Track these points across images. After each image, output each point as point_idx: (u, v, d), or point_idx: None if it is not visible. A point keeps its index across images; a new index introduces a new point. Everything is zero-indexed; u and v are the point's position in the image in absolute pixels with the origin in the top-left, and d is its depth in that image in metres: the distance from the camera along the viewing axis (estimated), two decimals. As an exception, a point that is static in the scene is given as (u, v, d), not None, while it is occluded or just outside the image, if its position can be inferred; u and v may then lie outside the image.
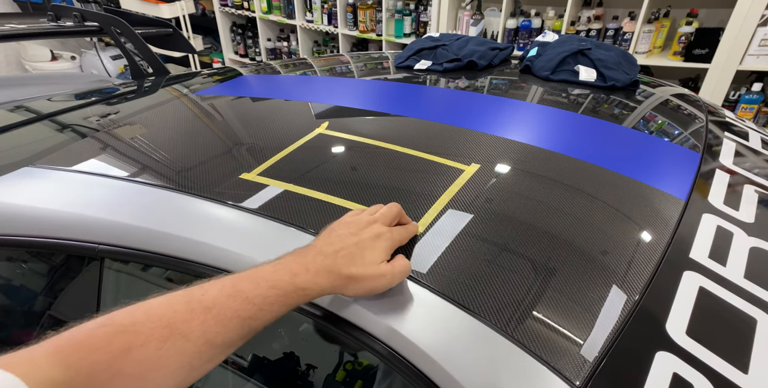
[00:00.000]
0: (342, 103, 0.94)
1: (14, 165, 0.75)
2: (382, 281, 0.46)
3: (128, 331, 0.36)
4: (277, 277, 0.43)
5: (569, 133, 0.83)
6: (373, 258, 0.47)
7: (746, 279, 0.54)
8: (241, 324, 0.40)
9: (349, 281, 0.45)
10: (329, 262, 0.45)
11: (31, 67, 3.97)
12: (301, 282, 0.43)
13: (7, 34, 1.30)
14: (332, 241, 0.47)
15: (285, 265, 0.44)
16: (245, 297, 0.41)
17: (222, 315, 0.39)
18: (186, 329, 0.38)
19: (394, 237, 0.50)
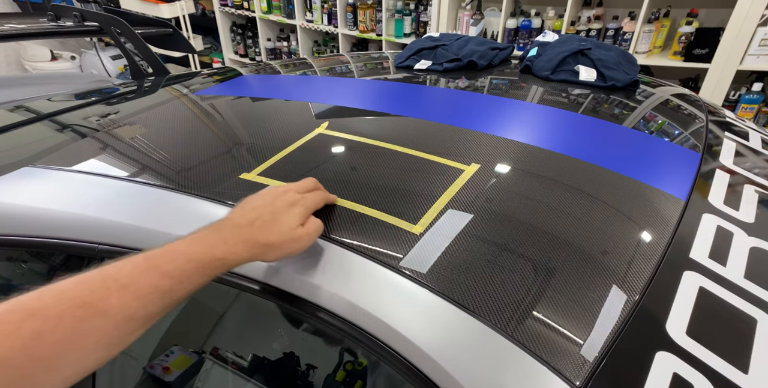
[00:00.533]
0: (342, 103, 0.94)
1: (14, 165, 0.75)
2: (298, 244, 0.50)
3: (38, 314, 0.36)
4: (193, 250, 0.44)
5: (569, 133, 0.83)
6: (288, 224, 0.49)
7: (746, 279, 0.54)
8: (162, 297, 0.41)
9: (268, 248, 0.47)
10: (246, 232, 0.47)
11: (31, 67, 3.98)
12: (218, 253, 0.44)
13: (7, 34, 1.30)
14: (246, 212, 0.49)
15: (200, 239, 0.45)
16: (162, 272, 0.41)
17: (140, 290, 0.40)
18: (103, 307, 0.38)
19: (308, 203, 0.52)
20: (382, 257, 0.53)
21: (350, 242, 0.55)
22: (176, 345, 0.82)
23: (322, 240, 0.56)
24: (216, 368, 0.82)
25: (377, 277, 0.52)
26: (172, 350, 0.83)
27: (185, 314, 0.82)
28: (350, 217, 0.59)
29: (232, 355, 0.82)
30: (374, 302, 0.50)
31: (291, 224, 0.49)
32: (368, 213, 0.59)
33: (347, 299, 0.51)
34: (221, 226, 0.47)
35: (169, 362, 0.82)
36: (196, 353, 0.84)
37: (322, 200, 0.56)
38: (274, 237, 0.48)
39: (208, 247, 0.45)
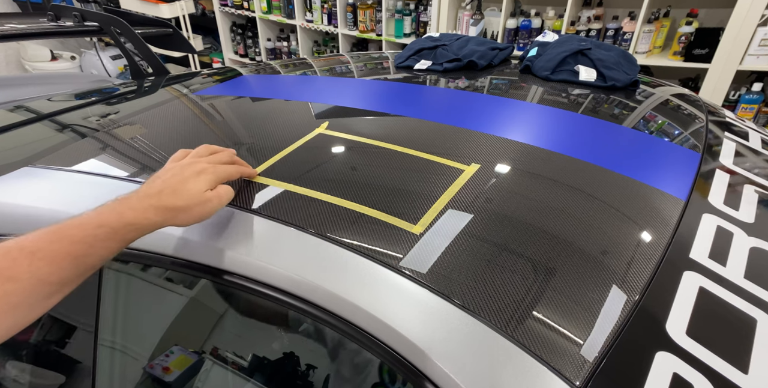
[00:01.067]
0: (342, 103, 0.93)
1: (14, 165, 0.75)
2: (209, 206, 0.52)
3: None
4: (103, 217, 0.46)
5: (569, 133, 0.83)
6: (196, 189, 0.52)
7: (746, 279, 0.54)
8: (75, 263, 0.44)
9: (178, 212, 0.50)
10: (154, 201, 0.49)
11: (31, 67, 3.98)
12: (129, 218, 0.47)
13: (7, 34, 1.30)
14: (155, 184, 0.52)
15: (108, 207, 0.48)
16: (72, 239, 0.44)
17: (50, 257, 0.43)
18: (11, 273, 0.41)
19: (218, 172, 0.55)
20: (381, 257, 0.53)
21: (350, 242, 0.55)
22: (176, 345, 0.82)
23: (322, 240, 0.56)
24: (216, 368, 0.82)
25: (377, 277, 0.52)
26: (172, 350, 0.83)
27: (185, 314, 0.82)
28: (350, 217, 0.59)
29: (232, 355, 0.82)
30: (374, 302, 0.50)
31: (199, 189, 0.52)
32: (368, 213, 0.59)
33: (347, 299, 0.51)
34: (128, 197, 0.50)
35: (169, 362, 0.82)
36: (196, 353, 0.84)
37: (236, 172, 0.59)
38: (183, 202, 0.50)
39: (118, 214, 0.47)
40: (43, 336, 0.85)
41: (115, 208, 0.48)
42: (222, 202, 0.54)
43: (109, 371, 0.78)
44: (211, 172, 0.54)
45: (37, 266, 0.42)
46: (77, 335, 0.82)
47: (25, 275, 0.41)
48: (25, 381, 0.86)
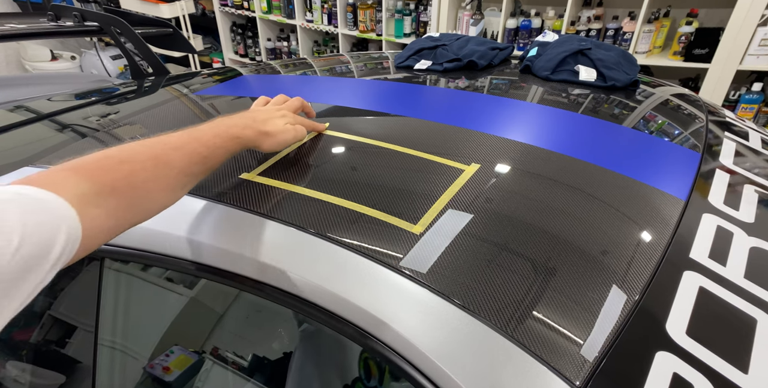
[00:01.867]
0: (342, 103, 0.94)
1: (14, 165, 0.75)
2: (289, 135, 0.66)
3: (128, 161, 0.49)
4: (217, 130, 0.58)
5: (569, 133, 0.83)
6: (279, 123, 0.66)
7: (746, 279, 0.54)
8: (203, 161, 0.55)
9: (266, 135, 0.63)
10: (249, 122, 0.63)
11: (31, 67, 3.98)
12: (234, 132, 0.60)
13: (7, 34, 1.30)
14: (250, 114, 0.66)
15: (220, 122, 0.60)
16: (201, 142, 0.56)
17: (189, 153, 0.54)
18: (167, 160, 0.51)
19: (297, 119, 0.70)
20: (381, 257, 0.53)
21: (350, 242, 0.55)
22: (176, 345, 0.82)
23: (322, 240, 0.56)
24: (216, 368, 0.82)
25: (377, 277, 0.52)
26: (172, 350, 0.83)
27: (185, 314, 0.82)
28: (350, 217, 0.59)
29: (232, 355, 0.82)
30: (374, 302, 0.50)
31: (281, 123, 0.66)
32: (368, 213, 0.59)
33: (347, 299, 0.51)
34: (233, 117, 0.63)
35: (169, 362, 0.82)
36: (196, 353, 0.84)
37: (309, 126, 0.73)
38: (268, 128, 0.63)
39: (227, 127, 0.60)
40: (43, 336, 0.85)
41: (223, 122, 0.61)
42: (297, 134, 0.67)
43: (109, 371, 0.78)
44: (291, 117, 0.69)
45: (181, 158, 0.53)
46: (77, 335, 0.82)
47: (175, 163, 0.52)
48: (25, 381, 0.86)
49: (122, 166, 0.48)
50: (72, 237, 0.39)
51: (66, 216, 0.39)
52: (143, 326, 0.84)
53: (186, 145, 0.54)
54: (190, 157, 0.54)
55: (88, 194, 0.43)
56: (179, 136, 0.55)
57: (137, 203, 0.49)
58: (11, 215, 0.35)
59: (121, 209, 0.47)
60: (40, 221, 0.36)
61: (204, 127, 0.58)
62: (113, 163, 0.48)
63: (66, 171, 0.44)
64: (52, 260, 0.37)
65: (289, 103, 0.74)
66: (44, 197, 0.39)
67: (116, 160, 0.48)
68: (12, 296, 0.35)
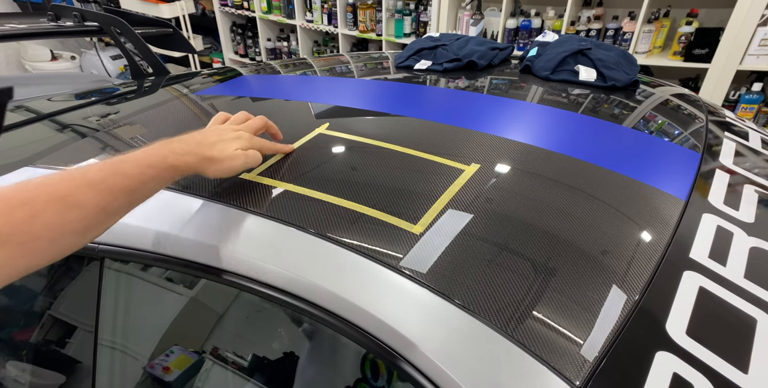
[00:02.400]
0: (342, 103, 0.93)
1: (14, 165, 0.75)
2: (237, 161, 0.59)
3: (26, 203, 0.43)
4: (151, 159, 0.53)
5: (569, 133, 0.83)
6: (229, 147, 0.59)
7: (746, 279, 0.54)
8: (128, 195, 0.50)
9: (210, 162, 0.57)
10: (192, 148, 0.57)
11: (31, 67, 3.97)
12: (171, 161, 0.54)
13: (7, 34, 1.30)
14: (195, 136, 0.59)
15: (154, 149, 0.54)
16: (125, 174, 0.50)
17: (108, 188, 0.48)
18: (77, 200, 0.45)
19: (253, 143, 0.62)
20: (381, 257, 0.53)
21: (350, 242, 0.55)
22: (176, 345, 0.82)
23: (322, 240, 0.56)
24: (216, 368, 0.82)
25: (377, 277, 0.52)
26: (172, 350, 0.83)
27: (185, 314, 0.82)
28: (350, 217, 0.59)
29: (232, 355, 0.82)
30: (374, 302, 0.50)
31: (231, 148, 0.60)
32: (368, 213, 0.59)
33: (347, 299, 0.51)
34: (171, 141, 0.56)
35: (169, 362, 0.82)
36: (196, 353, 0.84)
37: (269, 148, 0.67)
38: (215, 153, 0.58)
39: (162, 156, 0.54)
40: (43, 336, 0.85)
41: (159, 150, 0.54)
42: (248, 161, 0.61)
43: (109, 371, 0.78)
44: (247, 140, 0.62)
45: (97, 196, 0.47)
46: (77, 334, 0.82)
47: (88, 203, 0.46)
48: (25, 381, 0.86)
49: (19, 210, 0.42)
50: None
51: None
52: (143, 326, 0.84)
53: (106, 180, 0.48)
54: (110, 194, 0.48)
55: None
56: (100, 169, 0.49)
57: (38, 251, 0.43)
58: None
59: (17, 260, 0.42)
60: None
61: (135, 156, 0.52)
62: (9, 207, 0.42)
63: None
64: None
65: (249, 123, 0.67)
66: None
67: (13, 203, 0.42)
68: None
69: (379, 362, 0.66)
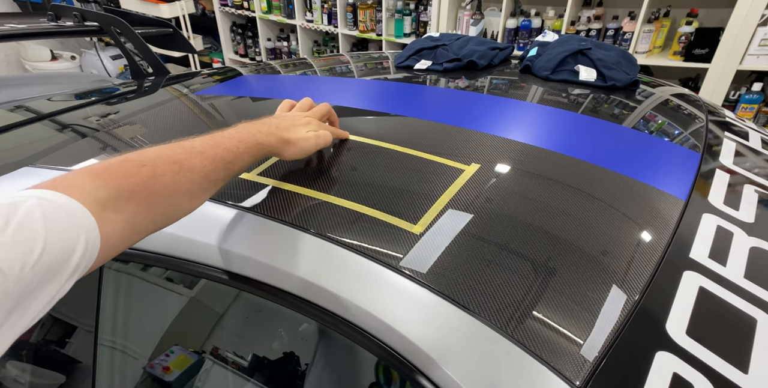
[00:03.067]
0: (342, 103, 0.93)
1: (14, 165, 0.75)
2: (310, 142, 0.63)
3: (149, 164, 0.47)
4: (241, 135, 0.57)
5: (569, 133, 0.83)
6: (302, 131, 0.64)
7: (746, 279, 0.54)
8: (226, 166, 0.53)
9: (287, 143, 0.61)
10: (273, 129, 0.61)
11: (31, 67, 3.97)
12: (258, 138, 0.58)
13: (7, 34, 1.30)
14: (272, 120, 0.64)
15: (244, 127, 0.59)
16: (224, 147, 0.54)
17: (212, 158, 0.52)
18: (190, 165, 0.50)
19: (318, 132, 0.65)
20: (381, 257, 0.53)
21: (350, 242, 0.55)
22: (176, 345, 0.82)
23: (322, 240, 0.56)
24: (216, 368, 0.82)
25: (377, 277, 0.52)
26: (172, 350, 0.83)
27: (185, 314, 0.82)
28: (350, 217, 0.59)
29: (232, 355, 0.82)
30: (374, 302, 0.50)
31: (304, 131, 0.64)
32: (368, 213, 0.59)
33: (347, 299, 0.51)
34: (256, 123, 0.61)
35: (169, 361, 0.82)
36: (196, 353, 0.84)
37: (333, 133, 0.70)
38: (290, 135, 0.61)
39: (251, 133, 0.58)
40: (43, 336, 0.85)
41: (248, 128, 0.59)
42: (319, 142, 0.64)
43: (109, 371, 0.78)
44: (315, 125, 0.67)
45: (204, 163, 0.51)
46: (77, 334, 0.82)
47: (198, 169, 0.50)
48: (25, 381, 0.86)
49: (142, 169, 0.46)
50: (90, 245, 0.38)
51: (85, 223, 0.38)
52: (143, 326, 0.84)
53: (209, 150, 0.52)
54: (213, 163, 0.52)
55: (107, 199, 0.41)
56: (203, 141, 0.53)
57: (157, 209, 0.47)
58: (36, 224, 0.34)
59: (141, 215, 0.45)
60: (62, 229, 0.36)
61: (228, 133, 0.57)
62: (133, 166, 0.46)
63: (86, 175, 0.43)
64: (69, 270, 0.36)
65: (316, 109, 0.71)
66: (66, 204, 0.38)
67: (136, 164, 0.46)
68: (27, 307, 0.34)
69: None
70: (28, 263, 0.32)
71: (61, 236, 0.35)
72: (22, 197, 0.36)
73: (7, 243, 0.32)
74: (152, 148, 0.50)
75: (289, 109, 0.72)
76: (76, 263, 0.36)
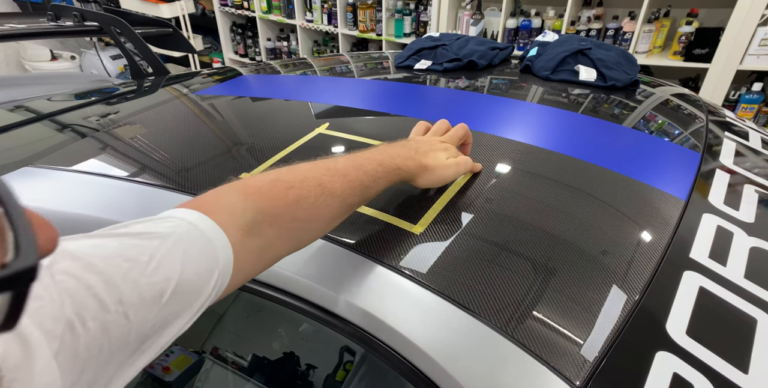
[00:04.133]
0: (342, 103, 0.93)
1: (14, 165, 0.75)
2: (449, 171, 0.59)
3: (296, 186, 0.45)
4: (381, 158, 0.54)
5: (569, 133, 0.83)
6: (441, 156, 0.60)
7: (746, 279, 0.54)
8: (363, 190, 0.51)
9: (425, 169, 0.57)
10: (412, 153, 0.57)
11: (31, 67, 3.97)
12: (398, 162, 0.55)
13: (7, 34, 1.30)
14: (411, 144, 0.59)
15: (384, 150, 0.56)
16: (364, 170, 0.51)
17: (352, 181, 0.50)
18: (331, 188, 0.48)
19: (459, 159, 0.61)
20: (381, 257, 0.53)
21: (350, 242, 0.55)
22: (176, 345, 0.82)
23: (322, 240, 0.56)
24: (216, 368, 0.82)
25: (377, 277, 0.52)
26: (172, 350, 0.83)
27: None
28: (350, 217, 0.59)
29: (232, 355, 0.82)
30: (374, 302, 0.50)
31: (443, 156, 0.60)
32: (368, 213, 0.59)
33: (346, 299, 0.51)
34: (395, 145, 0.58)
35: (169, 362, 0.82)
36: (196, 353, 0.84)
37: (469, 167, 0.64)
38: (429, 161, 0.58)
39: (391, 156, 0.55)
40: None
41: (388, 150, 0.56)
42: (459, 169, 0.61)
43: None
44: (454, 151, 0.62)
45: (344, 187, 0.49)
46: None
47: (339, 192, 0.48)
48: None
49: (289, 192, 0.45)
50: (221, 282, 0.37)
51: (222, 258, 0.37)
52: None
53: (351, 173, 0.50)
54: (352, 187, 0.49)
55: (252, 224, 0.41)
56: (345, 163, 0.51)
57: (295, 233, 0.46)
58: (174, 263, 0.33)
59: (279, 240, 0.44)
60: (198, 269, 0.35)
61: (369, 155, 0.54)
62: (282, 188, 0.45)
63: (239, 194, 0.42)
64: (193, 311, 0.35)
65: (452, 132, 0.65)
66: (210, 232, 0.37)
67: (285, 186, 0.45)
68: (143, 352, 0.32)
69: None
70: (153, 310, 0.31)
71: (194, 277, 0.34)
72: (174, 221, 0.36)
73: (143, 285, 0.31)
74: (301, 167, 0.49)
75: (425, 132, 0.66)
76: (200, 304, 0.36)
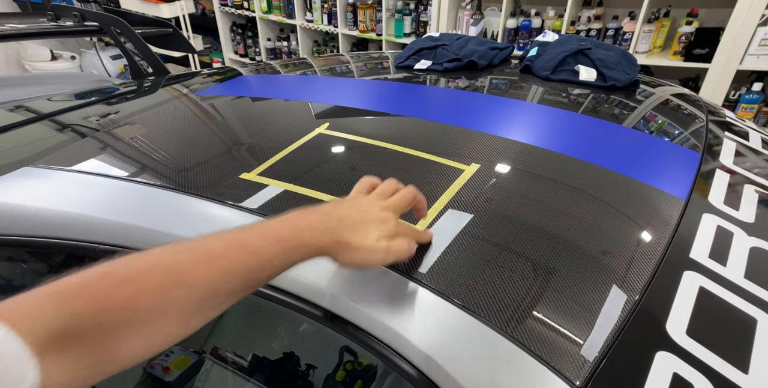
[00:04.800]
0: (342, 103, 0.93)
1: (14, 165, 0.75)
2: (375, 256, 0.47)
3: (133, 280, 0.36)
4: (282, 231, 0.43)
5: (569, 133, 0.83)
6: (373, 234, 0.47)
7: (746, 279, 0.54)
8: (248, 275, 0.41)
9: (346, 248, 0.46)
10: (333, 224, 0.46)
11: (31, 67, 3.97)
12: (304, 238, 0.44)
13: (7, 34, 1.30)
14: (339, 209, 0.49)
15: (290, 221, 0.45)
16: (251, 250, 0.41)
17: (227, 266, 0.40)
18: (190, 279, 0.38)
19: (401, 232, 0.50)
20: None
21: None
22: (176, 345, 0.82)
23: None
24: (216, 368, 0.82)
25: (376, 277, 0.52)
26: (172, 350, 0.83)
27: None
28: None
29: (232, 355, 0.82)
30: (373, 302, 0.50)
31: (373, 235, 0.47)
32: (368, 213, 0.59)
33: (346, 299, 0.51)
34: (310, 212, 0.47)
35: (169, 362, 0.82)
36: (196, 352, 0.84)
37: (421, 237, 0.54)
38: (354, 239, 0.46)
39: (297, 230, 0.44)
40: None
41: (295, 221, 0.45)
42: (387, 258, 0.47)
43: (109, 371, 0.77)
44: (394, 227, 0.49)
45: (213, 274, 0.39)
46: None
47: (202, 282, 0.39)
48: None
49: (122, 288, 0.36)
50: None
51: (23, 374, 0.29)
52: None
53: (228, 255, 0.40)
54: (227, 273, 0.40)
55: (63, 333, 0.32)
56: (226, 241, 0.42)
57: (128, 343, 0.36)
58: None
59: (105, 350, 0.35)
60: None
61: (266, 228, 0.44)
62: (113, 283, 0.36)
63: (47, 296, 0.33)
64: None
65: (398, 198, 0.53)
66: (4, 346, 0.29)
67: (118, 279, 0.36)
68: None
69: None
70: None
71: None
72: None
73: None
74: (154, 252, 0.39)
75: (368, 191, 0.55)
76: None
